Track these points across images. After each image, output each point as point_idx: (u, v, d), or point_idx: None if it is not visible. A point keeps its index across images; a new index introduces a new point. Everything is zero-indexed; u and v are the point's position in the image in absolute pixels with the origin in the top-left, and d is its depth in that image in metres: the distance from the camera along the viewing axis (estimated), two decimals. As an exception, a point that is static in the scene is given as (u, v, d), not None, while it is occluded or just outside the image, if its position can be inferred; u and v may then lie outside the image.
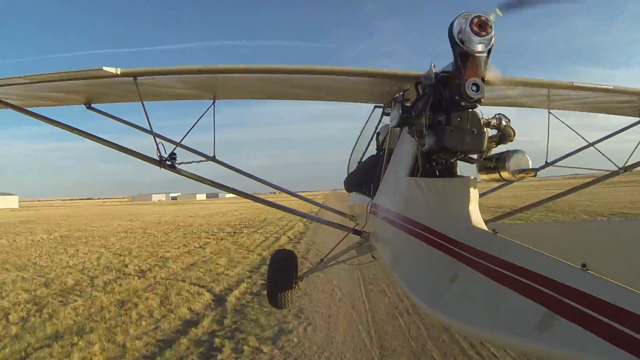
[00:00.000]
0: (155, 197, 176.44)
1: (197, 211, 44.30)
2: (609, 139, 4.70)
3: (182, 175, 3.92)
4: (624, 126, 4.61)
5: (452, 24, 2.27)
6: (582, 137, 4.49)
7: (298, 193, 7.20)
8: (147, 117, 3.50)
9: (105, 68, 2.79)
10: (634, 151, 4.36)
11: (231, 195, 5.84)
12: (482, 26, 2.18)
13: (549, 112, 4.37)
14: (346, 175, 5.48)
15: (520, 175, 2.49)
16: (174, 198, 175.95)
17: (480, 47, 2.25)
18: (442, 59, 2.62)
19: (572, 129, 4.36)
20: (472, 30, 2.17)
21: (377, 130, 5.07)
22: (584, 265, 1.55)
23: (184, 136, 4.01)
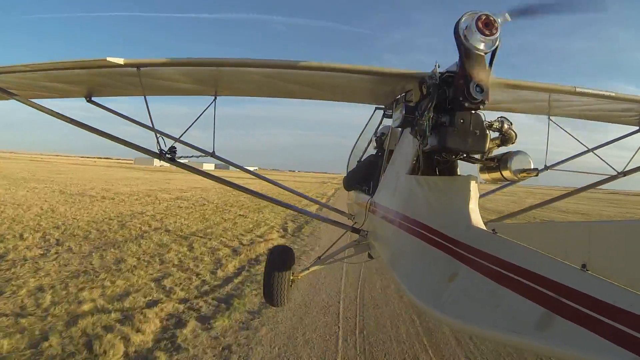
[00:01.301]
0: (158, 162, 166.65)
1: (142, 186, 31.85)
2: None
3: (181, 167, 3.98)
4: (623, 134, 4.65)
5: (458, 23, 2.25)
6: (581, 143, 4.53)
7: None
8: (149, 113, 3.50)
9: (109, 58, 2.78)
10: (633, 157, 4.40)
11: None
12: (488, 26, 2.17)
13: (549, 118, 4.40)
14: (345, 174, 5.50)
15: (522, 175, 2.50)
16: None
17: (485, 47, 2.25)
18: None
19: (572, 136, 4.40)
20: (478, 29, 2.16)
21: (378, 132, 5.09)
22: (583, 265, 1.55)
23: (184, 132, 4.02)
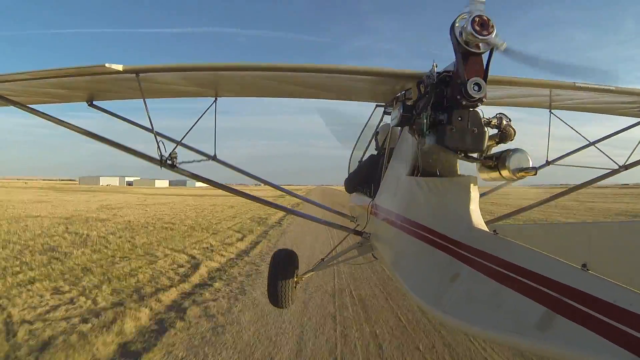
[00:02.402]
0: (104, 181, 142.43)
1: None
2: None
3: (182, 174, 3.96)
4: (625, 126, 4.62)
5: (453, 23, 2.27)
6: (582, 136, 4.51)
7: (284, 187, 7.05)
8: (149, 115, 3.52)
9: (107, 65, 2.80)
10: (634, 150, 4.37)
11: (201, 184, 5.58)
12: (483, 25, 2.18)
13: (550, 112, 4.38)
14: (347, 176, 5.48)
15: (521, 174, 2.49)
16: (129, 184, 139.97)
17: (482, 47, 2.26)
18: (440, 61, 2.64)
19: (573, 129, 4.38)
20: (473, 29, 2.17)
21: (377, 130, 5.08)
22: (584, 265, 1.56)
23: (185, 135, 4.02)
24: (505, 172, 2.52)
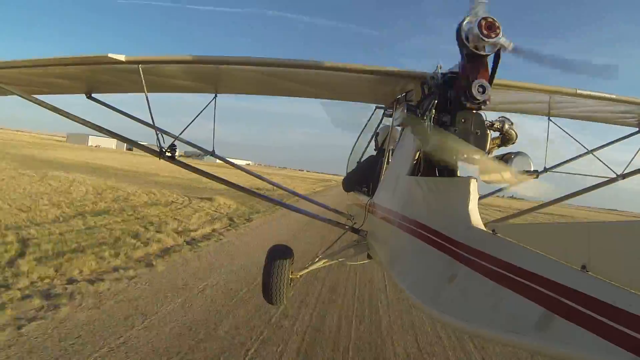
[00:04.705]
0: (93, 141, 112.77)
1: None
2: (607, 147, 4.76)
3: (181, 167, 3.97)
4: (623, 135, 4.66)
5: (460, 25, 2.27)
6: (580, 144, 4.53)
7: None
8: (150, 109, 3.50)
9: (110, 55, 2.78)
10: (632, 159, 4.40)
11: (219, 160, 5.66)
12: (490, 28, 2.18)
13: (549, 119, 4.41)
14: (345, 175, 5.47)
15: (522, 177, 2.50)
16: (129, 148, 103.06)
17: (488, 49, 2.26)
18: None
19: (572, 136, 4.40)
20: (480, 31, 2.17)
21: (377, 131, 5.08)
22: (583, 266, 1.56)
23: (183, 130, 4.02)
24: (506, 174, 2.53)
